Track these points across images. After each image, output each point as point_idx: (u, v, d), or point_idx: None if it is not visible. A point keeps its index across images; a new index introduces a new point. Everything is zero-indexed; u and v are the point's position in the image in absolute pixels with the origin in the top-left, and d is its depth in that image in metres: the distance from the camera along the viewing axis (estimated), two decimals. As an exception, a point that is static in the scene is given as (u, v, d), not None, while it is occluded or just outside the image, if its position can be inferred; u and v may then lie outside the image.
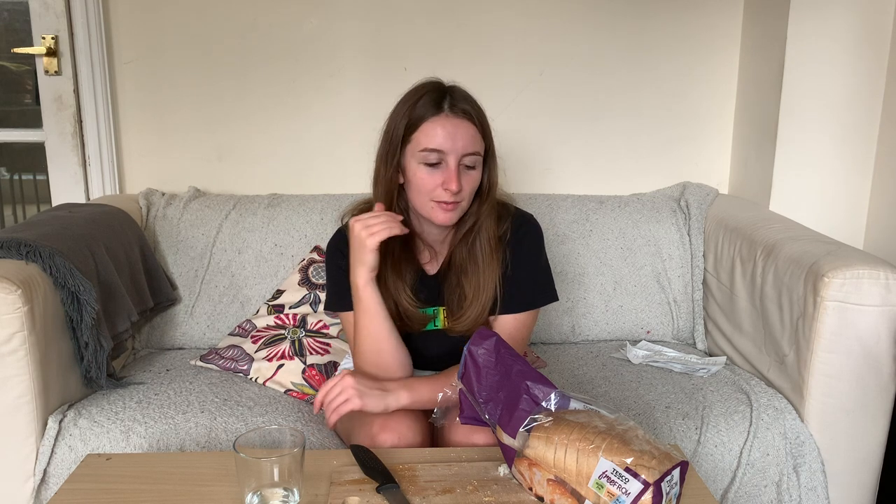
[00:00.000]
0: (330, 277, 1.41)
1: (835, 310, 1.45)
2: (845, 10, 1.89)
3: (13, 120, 2.38)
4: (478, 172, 1.30)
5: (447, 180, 1.25)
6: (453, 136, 1.24)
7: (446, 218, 1.28)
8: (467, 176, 1.28)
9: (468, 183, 1.28)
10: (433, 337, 1.39)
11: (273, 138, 2.14)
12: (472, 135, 1.26)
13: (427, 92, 1.27)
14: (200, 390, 1.61)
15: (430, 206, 1.28)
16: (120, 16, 2.06)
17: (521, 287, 1.37)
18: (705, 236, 2.00)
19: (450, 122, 1.25)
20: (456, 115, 1.25)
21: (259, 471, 0.96)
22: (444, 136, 1.24)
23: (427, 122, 1.25)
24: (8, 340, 1.37)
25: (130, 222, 1.86)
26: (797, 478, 1.51)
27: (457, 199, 1.27)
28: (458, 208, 1.29)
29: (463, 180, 1.26)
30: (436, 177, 1.26)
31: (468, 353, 1.08)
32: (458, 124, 1.25)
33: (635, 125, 2.18)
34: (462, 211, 1.31)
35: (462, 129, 1.25)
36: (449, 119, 1.25)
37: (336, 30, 2.08)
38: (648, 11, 2.11)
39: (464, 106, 1.26)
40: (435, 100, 1.26)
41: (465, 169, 1.27)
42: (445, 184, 1.25)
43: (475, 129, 1.27)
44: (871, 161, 1.98)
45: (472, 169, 1.28)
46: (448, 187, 1.25)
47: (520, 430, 1.01)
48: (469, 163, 1.27)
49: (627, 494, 0.90)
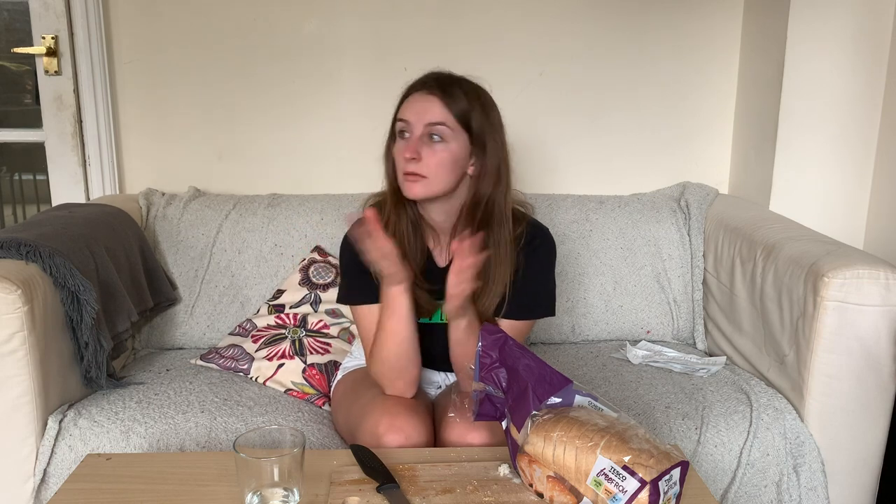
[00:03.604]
0: (346, 271, 1.41)
1: (835, 310, 1.45)
2: (845, 11, 1.89)
3: (13, 120, 2.39)
4: (447, 148, 1.29)
5: (406, 147, 1.29)
6: (418, 106, 1.30)
7: (411, 190, 1.29)
8: (430, 149, 1.29)
9: (432, 156, 1.28)
10: (438, 330, 1.39)
11: (273, 138, 2.14)
12: (437, 108, 1.29)
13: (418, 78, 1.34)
14: (200, 390, 1.61)
15: (401, 181, 1.31)
16: (120, 16, 2.06)
17: (527, 295, 1.37)
18: (705, 236, 2.00)
19: (419, 96, 1.31)
20: (428, 90, 1.31)
21: (259, 471, 0.96)
22: (411, 106, 1.31)
23: (406, 99, 1.33)
24: (8, 340, 1.37)
25: (130, 222, 1.86)
26: (797, 478, 1.51)
27: (418, 169, 1.28)
28: (425, 183, 1.29)
29: (425, 152, 1.28)
30: (403, 148, 1.30)
31: (481, 353, 1.09)
32: (427, 98, 1.30)
33: (635, 125, 2.18)
34: (430, 188, 1.30)
35: (429, 102, 1.30)
36: (420, 94, 1.31)
37: (336, 30, 2.09)
38: (648, 11, 2.11)
39: (437, 84, 1.31)
40: (418, 82, 1.33)
41: (430, 141, 1.29)
42: (403, 151, 1.29)
43: (441, 105, 1.29)
44: (870, 161, 1.98)
45: (440, 142, 1.29)
46: (404, 154, 1.28)
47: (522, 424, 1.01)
48: (434, 133, 1.29)
49: (624, 492, 0.91)
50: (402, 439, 1.22)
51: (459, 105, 1.30)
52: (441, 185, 1.31)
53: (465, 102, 1.30)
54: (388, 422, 1.24)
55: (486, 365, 1.08)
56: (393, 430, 1.23)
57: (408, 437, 1.23)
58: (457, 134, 1.30)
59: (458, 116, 1.30)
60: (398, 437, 1.22)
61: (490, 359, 1.08)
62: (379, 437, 1.23)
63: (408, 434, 1.23)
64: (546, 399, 1.03)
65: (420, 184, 1.29)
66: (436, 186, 1.30)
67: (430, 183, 1.29)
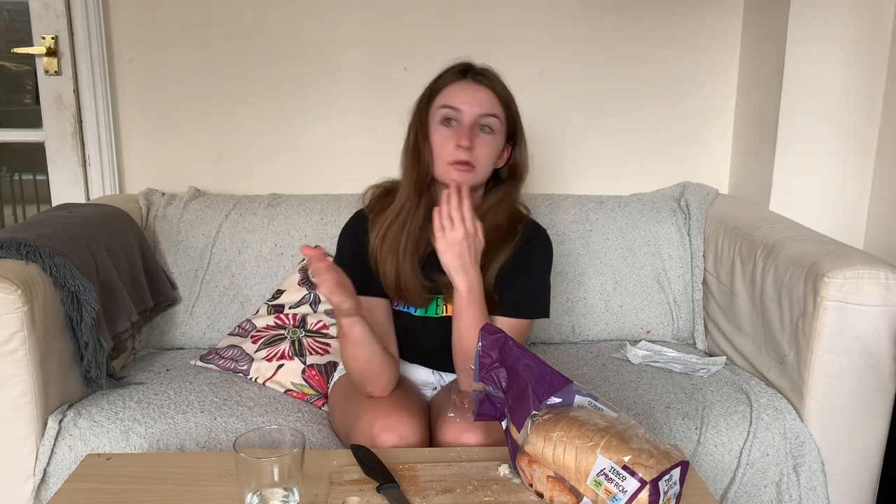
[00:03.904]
0: (339, 262, 1.39)
1: (835, 310, 1.45)
2: (845, 11, 1.89)
3: (13, 120, 2.39)
4: (494, 140, 1.31)
5: (460, 136, 1.28)
6: (470, 96, 1.30)
7: (460, 177, 1.29)
8: (482, 139, 1.30)
9: (483, 147, 1.30)
10: (433, 324, 1.39)
11: (273, 138, 2.14)
12: (490, 99, 1.30)
13: (453, 66, 1.35)
14: (200, 390, 1.61)
15: (445, 169, 1.30)
16: (120, 16, 2.06)
17: (524, 293, 1.38)
18: (705, 236, 2.00)
19: (469, 86, 1.31)
20: (477, 82, 1.31)
21: (259, 471, 0.96)
22: (462, 95, 1.30)
23: (448, 86, 1.32)
24: (8, 340, 1.37)
25: (130, 222, 1.86)
26: (797, 478, 1.51)
27: (470, 158, 1.28)
28: (473, 174, 1.30)
29: (477, 142, 1.29)
30: (451, 136, 1.29)
31: (481, 353, 1.09)
32: (478, 88, 1.31)
33: (635, 125, 2.18)
34: (477, 178, 1.31)
35: (481, 93, 1.30)
36: (469, 83, 1.31)
37: (336, 30, 2.09)
38: (648, 12, 2.11)
39: (486, 77, 1.32)
40: (459, 70, 1.34)
41: (481, 132, 1.30)
42: (458, 139, 1.28)
43: (494, 97, 1.31)
44: (870, 161, 1.98)
45: (489, 134, 1.31)
46: (460, 143, 1.28)
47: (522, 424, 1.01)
48: (485, 125, 1.30)
49: (624, 492, 0.91)
50: (395, 439, 1.22)
51: (507, 98, 1.33)
52: (483, 175, 1.33)
53: (510, 98, 1.34)
54: (383, 422, 1.24)
55: (486, 365, 1.08)
56: (387, 430, 1.23)
57: (402, 437, 1.23)
58: (503, 126, 1.33)
59: (505, 108, 1.32)
60: (392, 437, 1.22)
61: (490, 359, 1.08)
62: (373, 437, 1.23)
63: (402, 434, 1.23)
64: (546, 399, 1.03)
65: (470, 173, 1.30)
66: (480, 176, 1.33)
67: (477, 172, 1.31)
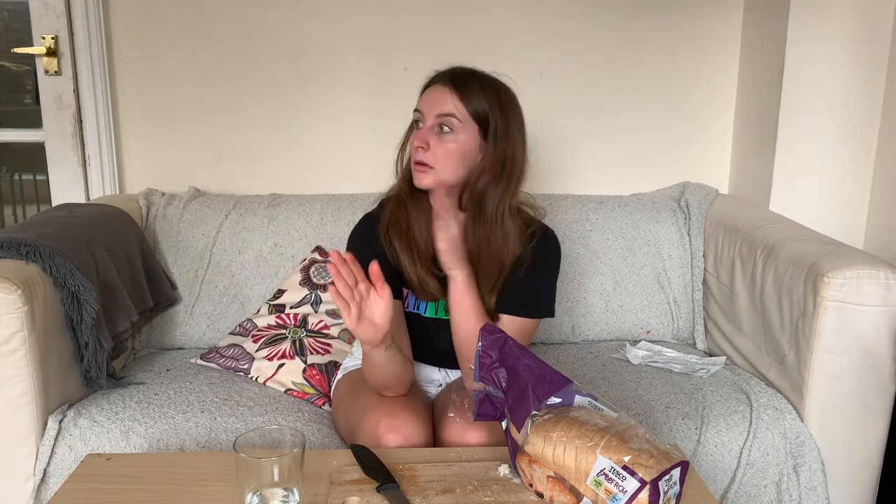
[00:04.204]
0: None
1: (835, 310, 1.45)
2: (845, 10, 1.89)
3: (13, 120, 2.39)
4: (455, 139, 1.31)
5: (416, 137, 1.32)
6: (430, 98, 1.34)
7: (420, 180, 1.32)
8: (439, 139, 1.31)
9: (439, 147, 1.31)
10: (445, 326, 1.39)
11: (273, 138, 2.14)
12: (447, 99, 1.31)
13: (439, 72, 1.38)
14: (200, 390, 1.61)
15: (413, 170, 1.34)
16: (120, 16, 2.06)
17: (531, 293, 1.38)
18: (705, 236, 2.00)
19: (434, 89, 1.34)
20: (442, 83, 1.34)
21: (259, 471, 0.96)
22: (426, 98, 1.35)
23: (423, 91, 1.37)
24: (8, 340, 1.37)
25: (130, 222, 1.86)
26: (797, 478, 1.51)
27: (425, 159, 1.31)
28: (432, 174, 1.31)
29: (433, 142, 1.31)
30: (415, 138, 1.33)
31: (481, 353, 1.09)
32: (440, 90, 1.33)
33: (635, 125, 2.18)
34: (438, 178, 1.31)
35: (440, 94, 1.33)
36: (435, 86, 1.35)
37: (336, 30, 2.08)
38: (648, 11, 2.11)
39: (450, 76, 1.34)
40: (438, 74, 1.37)
41: (440, 132, 1.31)
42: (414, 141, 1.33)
43: (454, 97, 1.31)
44: (870, 161, 1.98)
45: (448, 133, 1.31)
46: (414, 143, 1.32)
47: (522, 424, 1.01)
48: (443, 124, 1.31)
49: (624, 492, 0.91)
50: (400, 439, 1.23)
51: (471, 97, 1.32)
52: (448, 175, 1.32)
53: (479, 95, 1.32)
54: (387, 422, 1.24)
55: (486, 365, 1.08)
56: (392, 431, 1.23)
57: (406, 438, 1.23)
58: (466, 126, 1.32)
59: (469, 108, 1.31)
60: (397, 438, 1.22)
61: (490, 359, 1.08)
62: (378, 437, 1.23)
63: (406, 434, 1.23)
64: (546, 399, 1.03)
65: (428, 173, 1.32)
66: (443, 175, 1.32)
67: (437, 173, 1.31)
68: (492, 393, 1.08)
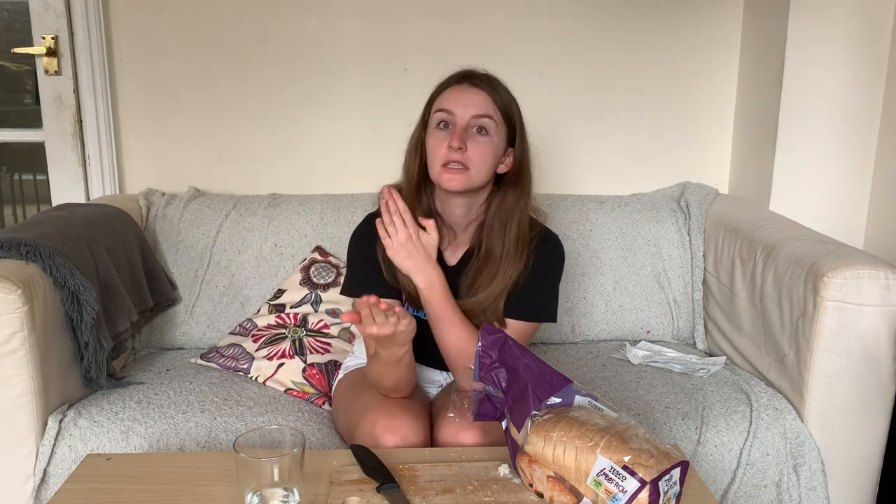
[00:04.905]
0: (350, 263, 1.42)
1: (835, 310, 1.45)
2: (845, 11, 1.89)
3: (13, 120, 2.39)
4: (491, 142, 1.31)
5: (451, 137, 1.29)
6: (464, 99, 1.31)
7: (452, 181, 1.29)
8: (476, 141, 1.30)
9: (476, 148, 1.30)
10: None
11: (273, 138, 2.14)
12: (483, 101, 1.30)
13: (454, 73, 1.36)
14: (200, 390, 1.61)
15: (439, 172, 1.31)
16: (120, 16, 2.06)
17: (534, 297, 1.38)
18: (705, 236, 2.00)
19: (464, 89, 1.32)
20: (473, 85, 1.32)
21: (259, 471, 0.96)
22: (456, 98, 1.31)
23: (445, 91, 1.33)
24: (8, 340, 1.37)
25: (130, 222, 1.86)
26: (797, 478, 1.51)
27: (462, 159, 1.28)
28: (466, 175, 1.30)
29: (470, 143, 1.29)
30: (445, 138, 1.30)
31: (481, 353, 1.09)
32: (472, 91, 1.31)
33: (635, 125, 2.18)
34: (472, 180, 1.31)
35: (475, 94, 1.31)
36: (464, 87, 1.32)
37: (336, 30, 2.08)
38: (648, 12, 2.11)
39: (482, 80, 1.33)
40: (458, 76, 1.35)
41: (475, 133, 1.30)
42: (449, 141, 1.29)
43: (488, 99, 1.31)
44: (870, 161, 1.98)
45: (484, 135, 1.30)
46: (450, 143, 1.28)
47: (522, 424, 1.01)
48: (480, 126, 1.30)
49: (624, 492, 0.91)
50: (398, 440, 1.23)
51: (504, 99, 1.33)
52: (480, 178, 1.32)
53: (508, 98, 1.34)
54: (385, 422, 1.24)
55: (486, 365, 1.08)
56: (389, 431, 1.23)
57: (404, 438, 1.23)
58: (499, 128, 1.32)
59: (501, 110, 1.32)
60: (394, 438, 1.23)
61: (490, 359, 1.08)
62: (375, 437, 1.23)
63: (404, 435, 1.23)
64: (546, 399, 1.03)
65: (463, 175, 1.30)
66: (476, 178, 1.32)
67: (472, 175, 1.31)
68: (492, 393, 1.08)
